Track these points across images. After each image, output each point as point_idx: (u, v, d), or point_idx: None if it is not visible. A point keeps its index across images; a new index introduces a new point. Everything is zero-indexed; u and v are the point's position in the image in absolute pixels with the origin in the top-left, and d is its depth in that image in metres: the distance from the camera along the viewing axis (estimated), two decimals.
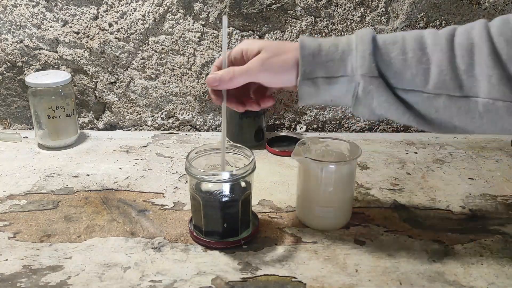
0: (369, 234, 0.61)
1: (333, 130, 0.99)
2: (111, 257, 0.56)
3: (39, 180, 0.75)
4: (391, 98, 0.51)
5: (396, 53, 0.50)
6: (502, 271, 0.54)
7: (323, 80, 0.52)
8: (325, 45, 0.52)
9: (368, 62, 0.50)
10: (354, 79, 0.51)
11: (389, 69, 0.50)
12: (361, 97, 0.51)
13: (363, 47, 0.50)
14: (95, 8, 0.88)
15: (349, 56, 0.51)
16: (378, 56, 0.50)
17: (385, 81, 0.50)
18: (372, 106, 0.52)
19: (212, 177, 0.55)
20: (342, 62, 0.51)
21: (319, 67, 0.51)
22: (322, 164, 0.59)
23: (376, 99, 0.51)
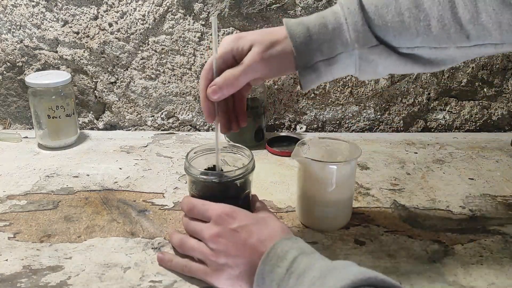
0: (369, 234, 0.61)
1: (333, 130, 0.99)
2: (111, 257, 0.56)
3: (39, 180, 0.75)
4: (396, 59, 0.49)
5: (391, 16, 0.48)
6: (502, 271, 0.54)
7: (322, 63, 0.50)
8: (313, 28, 0.50)
9: (363, 33, 0.48)
10: (353, 53, 0.50)
11: (388, 34, 0.49)
12: (365, 67, 0.50)
13: (353, 19, 0.48)
14: (95, 8, 0.88)
15: (341, 31, 0.49)
16: (373, 23, 0.48)
17: (387, 45, 0.49)
18: (378, 71, 0.51)
19: (211, 177, 0.55)
20: (336, 40, 0.49)
21: (314, 52, 0.50)
22: (322, 164, 0.59)
23: (380, 64, 0.50)
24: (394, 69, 0.51)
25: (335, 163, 0.59)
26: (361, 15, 0.48)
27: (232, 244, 0.49)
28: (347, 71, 0.52)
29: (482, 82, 0.96)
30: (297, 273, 0.43)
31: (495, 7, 0.45)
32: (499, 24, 0.45)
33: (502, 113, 0.98)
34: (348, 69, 0.52)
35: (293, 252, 0.45)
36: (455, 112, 0.98)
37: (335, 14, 0.50)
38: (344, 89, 0.95)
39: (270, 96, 0.95)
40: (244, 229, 0.49)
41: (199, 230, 0.52)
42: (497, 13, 0.45)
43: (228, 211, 0.51)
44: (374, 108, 0.97)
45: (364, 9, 0.49)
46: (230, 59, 0.52)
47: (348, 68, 0.51)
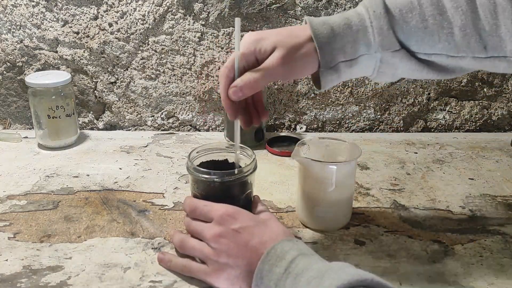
0: (369, 234, 0.61)
1: (333, 130, 0.99)
2: (111, 257, 0.56)
3: (39, 180, 0.75)
4: (414, 64, 0.50)
5: (415, 21, 0.49)
6: (502, 271, 0.54)
7: (344, 64, 0.51)
8: (337, 28, 0.50)
9: (388, 37, 0.49)
10: (375, 55, 0.50)
11: (410, 39, 0.49)
12: (384, 69, 0.51)
13: (379, 23, 0.49)
14: (95, 8, 0.88)
15: (365, 34, 0.49)
16: (397, 28, 0.49)
17: (407, 49, 0.50)
18: (396, 74, 0.52)
19: (213, 176, 0.55)
20: (359, 41, 0.50)
21: (337, 52, 0.50)
22: (322, 164, 0.59)
23: (400, 68, 0.51)
24: (411, 73, 0.52)
25: (335, 163, 0.59)
26: (387, 19, 0.49)
27: (234, 244, 0.49)
28: (365, 72, 0.52)
29: (482, 82, 0.96)
30: (295, 273, 0.43)
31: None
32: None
33: (502, 113, 0.98)
34: (367, 71, 0.52)
35: (292, 252, 0.46)
36: (455, 112, 0.98)
37: (359, 16, 0.50)
38: (344, 89, 0.95)
39: (270, 96, 0.95)
40: (246, 230, 0.50)
41: (201, 230, 0.52)
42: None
43: (231, 212, 0.51)
44: (374, 108, 0.97)
45: (389, 13, 0.49)
46: (252, 59, 0.52)
47: (367, 70, 0.52)
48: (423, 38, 0.49)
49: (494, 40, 0.48)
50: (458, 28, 0.48)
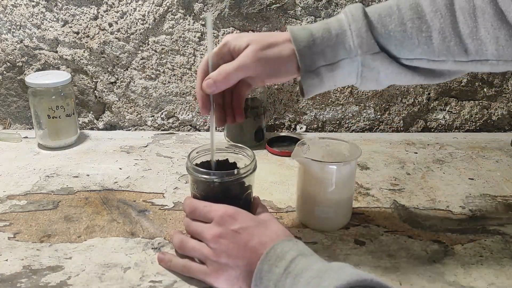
0: (369, 234, 0.61)
1: (333, 130, 0.99)
2: (111, 257, 0.56)
3: (39, 180, 0.75)
4: (397, 68, 0.50)
5: (394, 25, 0.49)
6: (502, 271, 0.54)
7: (325, 68, 0.51)
8: (316, 33, 0.50)
9: (366, 39, 0.49)
10: (355, 59, 0.50)
11: (390, 42, 0.50)
12: (366, 74, 0.51)
13: (357, 26, 0.49)
14: (95, 8, 0.88)
15: (344, 37, 0.50)
16: (376, 31, 0.49)
17: (388, 53, 0.50)
18: (379, 79, 0.52)
19: (213, 176, 0.55)
20: (339, 45, 0.50)
21: (317, 56, 0.50)
22: (322, 164, 0.59)
23: (382, 72, 0.51)
24: (395, 78, 0.52)
25: (335, 163, 0.59)
26: (365, 21, 0.49)
27: (233, 245, 0.49)
28: (349, 79, 0.52)
29: (482, 82, 0.96)
30: (295, 273, 0.43)
31: (493, 22, 0.47)
32: (496, 39, 0.47)
33: (502, 113, 0.98)
34: (350, 77, 0.52)
35: (292, 253, 0.46)
36: (455, 112, 0.98)
37: (339, 21, 0.51)
38: (344, 89, 0.95)
39: (270, 96, 0.95)
40: (246, 231, 0.50)
41: (201, 230, 0.52)
42: (495, 29, 0.47)
43: (230, 213, 0.51)
44: (374, 108, 0.97)
45: (367, 17, 0.50)
46: (227, 56, 0.53)
47: (350, 76, 0.52)
48: (401, 42, 0.49)
49: (475, 43, 0.48)
50: (437, 32, 0.49)
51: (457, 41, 0.48)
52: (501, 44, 0.47)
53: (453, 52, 0.49)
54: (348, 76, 0.52)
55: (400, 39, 0.49)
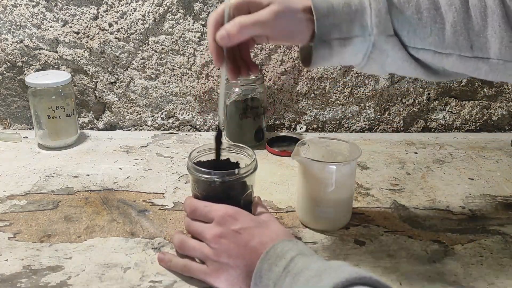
0: (369, 234, 0.61)
1: (333, 130, 0.99)
2: (111, 257, 0.56)
3: (39, 180, 0.75)
4: (404, 56, 0.51)
5: (411, 12, 0.50)
6: (502, 271, 0.54)
7: (338, 41, 0.50)
8: (337, 5, 0.50)
9: (385, 20, 0.49)
10: (368, 39, 0.50)
11: (404, 28, 0.50)
12: (375, 56, 0.51)
13: (378, 5, 0.49)
14: (95, 8, 0.88)
15: (363, 15, 0.50)
16: (393, 14, 0.50)
17: (399, 38, 0.50)
18: (385, 64, 0.52)
19: (214, 176, 0.55)
20: (356, 21, 0.50)
21: (333, 28, 0.50)
22: (322, 164, 0.59)
23: (390, 57, 0.51)
24: (400, 65, 0.52)
25: (335, 163, 0.59)
26: (386, 3, 0.50)
27: (234, 245, 0.49)
28: (356, 58, 0.52)
29: (482, 82, 0.96)
30: (294, 272, 0.44)
31: (501, 24, 0.49)
32: (501, 40, 0.49)
33: (502, 113, 0.98)
34: (357, 56, 0.52)
35: (292, 252, 0.46)
36: (455, 112, 0.98)
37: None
38: (344, 89, 0.95)
39: (270, 96, 0.95)
40: (246, 231, 0.50)
41: (201, 230, 0.52)
42: (502, 30, 0.49)
43: (231, 213, 0.51)
44: (374, 108, 0.97)
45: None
46: (244, 10, 0.51)
47: (358, 55, 0.52)
48: (415, 29, 0.50)
49: (481, 40, 0.50)
50: (450, 25, 0.50)
51: (466, 36, 0.50)
52: (505, 44, 0.49)
53: (460, 47, 0.50)
54: (355, 55, 0.52)
55: (415, 26, 0.50)
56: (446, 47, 0.50)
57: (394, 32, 0.50)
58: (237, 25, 0.50)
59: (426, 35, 0.50)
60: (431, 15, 0.50)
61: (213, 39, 0.52)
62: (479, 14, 0.50)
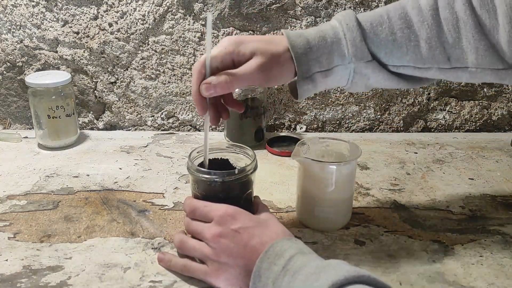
0: (369, 234, 0.61)
1: (333, 130, 0.99)
2: (111, 257, 0.56)
3: (39, 180, 0.75)
4: (385, 74, 0.53)
5: (385, 34, 0.52)
6: (502, 271, 0.54)
7: (320, 74, 0.53)
8: (312, 40, 0.52)
9: (360, 48, 0.51)
10: (348, 66, 0.52)
11: (380, 51, 0.52)
12: (357, 80, 0.54)
13: (352, 35, 0.51)
14: (95, 8, 0.88)
15: (339, 46, 0.52)
16: (368, 40, 0.52)
17: (378, 61, 0.52)
18: (368, 84, 0.55)
19: (214, 176, 0.55)
20: (334, 53, 0.52)
21: (313, 63, 0.52)
22: (322, 164, 0.59)
23: (372, 78, 0.53)
24: (383, 83, 0.54)
25: (335, 163, 0.59)
26: (359, 31, 0.51)
27: (234, 244, 0.49)
28: (340, 83, 0.55)
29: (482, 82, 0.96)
30: (293, 270, 0.44)
31: (474, 34, 0.50)
32: (476, 49, 0.50)
33: (502, 113, 0.98)
34: (341, 81, 0.55)
35: (291, 251, 0.46)
36: (455, 112, 0.98)
37: (333, 29, 0.53)
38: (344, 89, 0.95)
39: (270, 96, 0.95)
40: (246, 231, 0.50)
41: (201, 230, 0.52)
42: (476, 40, 0.50)
43: (231, 212, 0.51)
44: (374, 108, 0.97)
45: (361, 26, 0.52)
46: (228, 61, 0.53)
47: (341, 80, 0.54)
48: (391, 50, 0.52)
49: (457, 52, 0.51)
50: (424, 41, 0.51)
51: (442, 50, 0.51)
52: (480, 53, 0.50)
53: (438, 60, 0.52)
54: (339, 81, 0.54)
55: (390, 47, 0.52)
56: (424, 62, 0.52)
57: (372, 57, 0.52)
58: (223, 81, 0.51)
59: (403, 53, 0.52)
60: (405, 34, 0.52)
61: (196, 88, 0.53)
62: (452, 27, 0.51)
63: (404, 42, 0.52)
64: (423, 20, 0.51)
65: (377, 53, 0.52)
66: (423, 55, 0.52)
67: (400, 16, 0.52)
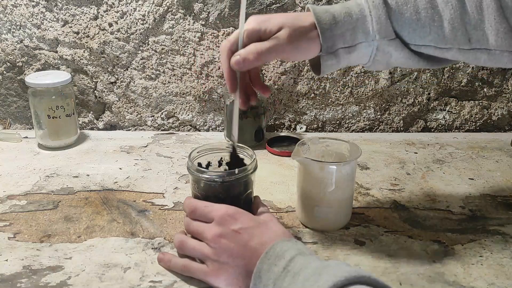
0: (369, 234, 0.61)
1: (333, 130, 0.99)
2: (111, 257, 0.56)
3: (39, 180, 0.75)
4: (406, 53, 0.53)
5: (409, 13, 0.52)
6: (502, 271, 0.54)
7: (343, 50, 0.53)
8: (338, 15, 0.53)
9: (385, 26, 0.52)
10: (372, 43, 0.53)
11: (404, 29, 0.52)
12: (379, 57, 0.54)
13: (377, 12, 0.52)
14: (95, 8, 0.88)
15: (364, 22, 0.52)
16: (393, 18, 0.52)
17: (400, 39, 0.53)
18: (389, 62, 0.55)
19: (214, 176, 0.55)
20: (359, 29, 0.53)
21: (338, 38, 0.53)
22: (322, 164, 0.59)
23: (393, 56, 0.54)
24: (404, 62, 0.55)
25: (335, 163, 0.59)
26: (385, 9, 0.52)
27: (234, 244, 0.49)
28: (362, 60, 0.55)
29: (482, 82, 0.96)
30: (293, 271, 0.44)
31: (496, 16, 0.51)
32: (496, 31, 0.51)
33: (502, 113, 0.98)
34: (363, 59, 0.55)
35: (291, 252, 0.46)
36: (455, 112, 0.98)
37: (359, 6, 0.53)
38: (344, 89, 0.95)
39: (270, 96, 0.95)
40: (246, 231, 0.50)
41: (201, 230, 0.52)
42: (497, 22, 0.51)
43: (231, 213, 0.51)
44: (374, 108, 0.97)
45: (387, 4, 0.52)
46: (255, 37, 0.53)
47: (363, 58, 0.55)
48: (415, 29, 0.52)
49: (478, 33, 0.52)
50: (447, 22, 0.52)
51: (463, 31, 0.52)
52: (500, 36, 0.51)
53: (459, 41, 0.52)
54: (362, 58, 0.55)
55: (414, 26, 0.52)
56: (445, 42, 0.53)
57: (396, 35, 0.53)
58: (254, 52, 0.52)
59: (426, 33, 0.52)
60: (428, 14, 0.52)
61: (227, 65, 0.54)
62: (475, 8, 0.52)
63: (428, 21, 0.52)
64: (448, 1, 0.52)
65: (401, 31, 0.53)
66: (445, 35, 0.52)
67: None
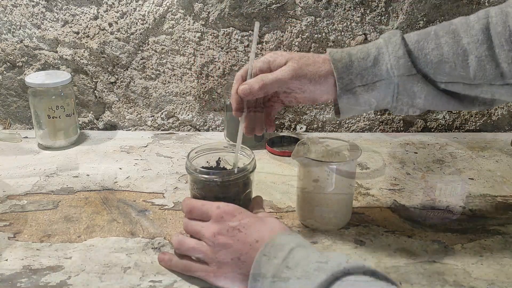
0: (369, 234, 0.61)
1: (333, 130, 0.99)
2: (111, 257, 0.56)
3: (39, 180, 0.75)
4: (433, 91, 0.52)
5: (430, 49, 0.51)
6: (502, 271, 0.54)
7: (361, 88, 0.52)
8: (354, 54, 0.53)
9: (403, 61, 0.51)
10: (392, 81, 0.52)
11: (427, 65, 0.51)
12: (402, 97, 0.52)
13: (394, 48, 0.51)
14: (95, 8, 0.88)
15: (381, 60, 0.52)
16: (413, 54, 0.51)
17: (424, 76, 0.51)
18: (415, 103, 0.53)
19: (212, 176, 0.55)
20: (376, 67, 0.52)
21: (355, 77, 0.52)
22: (322, 164, 0.59)
23: (418, 95, 0.52)
24: (432, 101, 0.53)
25: (335, 163, 0.59)
26: (402, 44, 0.51)
27: (232, 241, 0.49)
28: (384, 101, 0.54)
29: None
30: (293, 263, 0.44)
31: None
32: None
33: (502, 113, 0.98)
34: (385, 99, 0.54)
35: (291, 244, 0.46)
36: (455, 112, 0.98)
37: (376, 44, 0.53)
38: None
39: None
40: (244, 227, 0.50)
41: (199, 229, 0.52)
42: None
43: (228, 210, 0.51)
44: None
45: (404, 40, 0.52)
46: (266, 70, 0.56)
47: (386, 98, 0.53)
48: (438, 65, 0.51)
49: (510, 67, 0.49)
50: (474, 56, 0.50)
51: (493, 65, 0.50)
52: None
53: (488, 76, 0.50)
54: (383, 99, 0.54)
55: (437, 62, 0.51)
56: (474, 77, 0.50)
57: (418, 71, 0.51)
58: (259, 82, 0.54)
59: (451, 69, 0.51)
60: (452, 49, 0.50)
61: (235, 91, 0.56)
62: (505, 41, 0.49)
63: (452, 56, 0.51)
64: (472, 34, 0.50)
65: (424, 68, 0.51)
66: (472, 70, 0.50)
67: (448, 31, 0.51)
